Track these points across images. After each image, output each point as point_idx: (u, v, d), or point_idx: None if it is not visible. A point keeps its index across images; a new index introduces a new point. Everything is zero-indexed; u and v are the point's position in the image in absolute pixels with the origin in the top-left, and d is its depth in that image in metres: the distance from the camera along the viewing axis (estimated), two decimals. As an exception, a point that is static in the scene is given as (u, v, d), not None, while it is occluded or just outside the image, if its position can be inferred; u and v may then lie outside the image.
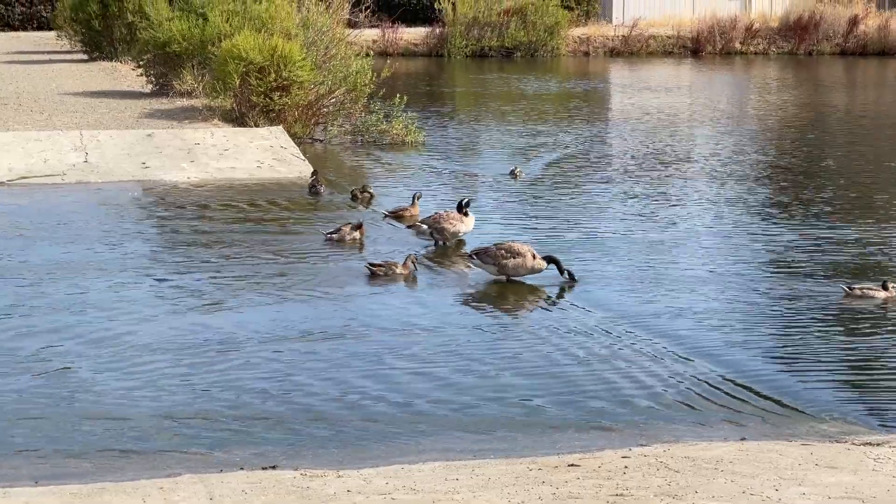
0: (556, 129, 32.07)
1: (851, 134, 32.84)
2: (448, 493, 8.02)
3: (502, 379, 11.94)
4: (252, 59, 27.61)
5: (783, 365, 12.47)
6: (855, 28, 59.07)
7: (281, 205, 21.13)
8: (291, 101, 28.18)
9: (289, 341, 13.13)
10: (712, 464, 8.88)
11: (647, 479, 8.42)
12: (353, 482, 8.50)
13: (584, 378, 11.94)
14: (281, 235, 18.72)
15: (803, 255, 17.22)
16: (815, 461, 9.02)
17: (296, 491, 8.23)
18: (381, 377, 11.94)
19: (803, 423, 10.64)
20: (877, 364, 12.46)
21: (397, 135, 28.78)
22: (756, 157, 27.42)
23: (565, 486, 8.21)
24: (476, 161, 27.01)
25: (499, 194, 22.49)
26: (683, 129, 32.61)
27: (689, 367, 12.24)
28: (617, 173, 24.83)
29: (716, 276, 16.13)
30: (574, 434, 10.34)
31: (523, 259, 15.56)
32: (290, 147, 25.89)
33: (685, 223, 19.64)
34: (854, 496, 7.87)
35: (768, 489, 8.05)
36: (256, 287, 15.38)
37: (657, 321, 13.92)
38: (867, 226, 19.24)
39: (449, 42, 57.80)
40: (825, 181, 24.07)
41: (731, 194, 22.47)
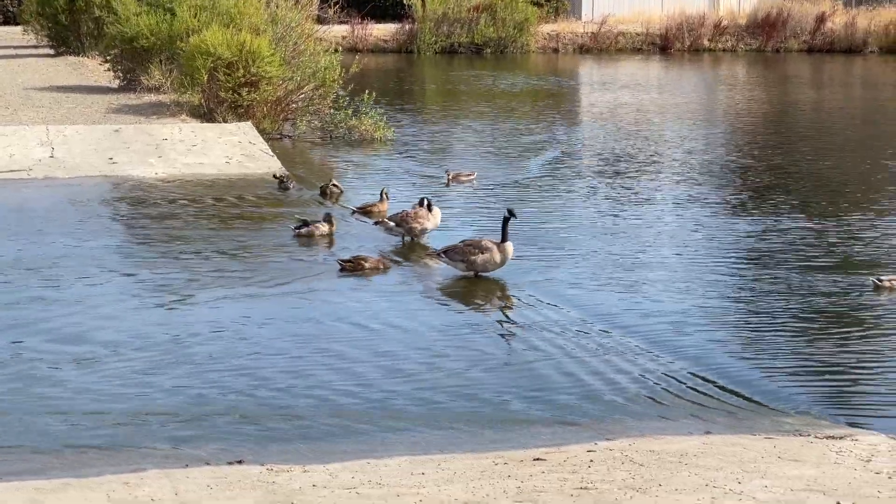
0: (525, 127, 32.11)
1: (819, 131, 33.01)
2: (413, 488, 8.04)
3: (469, 374, 11.96)
4: (220, 55, 27.53)
5: (748, 360, 12.54)
6: (822, 25, 59.36)
7: (249, 200, 21.09)
8: (260, 97, 28.11)
9: (256, 337, 13.11)
10: (676, 457, 8.92)
11: (611, 472, 8.46)
12: (319, 477, 8.50)
13: (551, 373, 11.98)
14: (249, 231, 18.69)
15: (770, 252, 17.32)
16: (779, 454, 9.08)
17: (262, 486, 8.22)
18: (348, 373, 11.95)
19: (767, 418, 10.71)
20: (840, 359, 12.54)
21: (366, 131, 28.76)
22: (724, 153, 27.54)
23: (530, 479, 8.24)
24: (445, 158, 27.00)
25: (467, 192, 22.50)
26: (653, 127, 32.70)
27: (655, 362, 12.30)
28: (585, 170, 24.90)
29: (683, 273, 16.21)
30: (540, 429, 10.37)
31: (491, 254, 15.60)
32: (258, 143, 25.82)
33: (653, 220, 19.71)
34: (816, 488, 7.93)
35: (731, 482, 8.10)
36: (224, 283, 15.36)
37: (624, 317, 13.98)
38: (834, 219, 19.36)
39: (418, 38, 57.76)
40: (793, 177, 24.19)
41: (698, 191, 22.56)
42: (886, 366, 12.30)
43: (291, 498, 7.82)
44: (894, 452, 9.24)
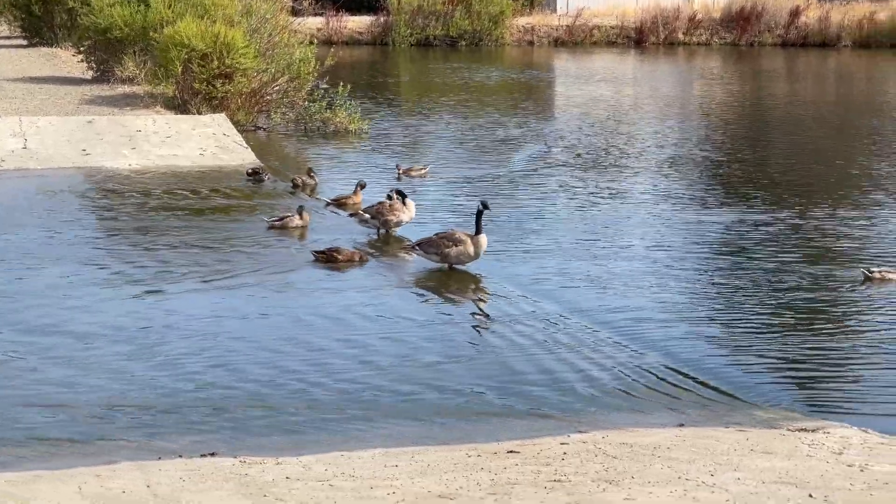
0: (500, 120, 32.11)
1: (793, 125, 33.12)
2: (387, 480, 8.03)
3: (443, 366, 11.96)
4: (194, 46, 27.44)
5: (722, 353, 12.58)
6: (796, 19, 59.55)
7: (223, 192, 21.03)
8: (234, 89, 28.04)
9: (230, 329, 13.07)
10: (650, 450, 8.94)
11: (585, 464, 8.47)
12: (292, 469, 8.48)
13: (525, 366, 11.98)
14: (223, 223, 18.64)
15: (743, 245, 17.37)
16: (751, 447, 9.10)
17: (234, 478, 8.20)
18: (321, 364, 11.93)
19: (740, 410, 10.74)
20: (813, 353, 12.58)
21: (340, 123, 28.73)
22: (698, 147, 27.59)
23: (504, 472, 8.24)
24: (419, 151, 26.99)
25: (441, 185, 22.50)
26: (627, 120, 32.75)
27: (628, 354, 12.32)
28: (560, 164, 24.91)
29: (657, 266, 16.23)
30: (514, 421, 10.38)
31: (464, 247, 15.60)
32: (232, 135, 25.76)
33: (627, 214, 19.74)
34: (788, 481, 7.95)
35: (704, 474, 8.12)
36: (198, 275, 15.31)
37: (598, 310, 13.99)
38: (808, 213, 19.42)
39: (393, 31, 57.73)
40: (767, 171, 24.26)
41: (672, 185, 22.61)
42: (858, 359, 12.35)
43: (264, 490, 7.80)
44: (866, 445, 9.28)
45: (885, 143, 28.45)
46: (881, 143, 28.52)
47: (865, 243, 17.57)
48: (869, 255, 16.68)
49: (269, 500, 7.51)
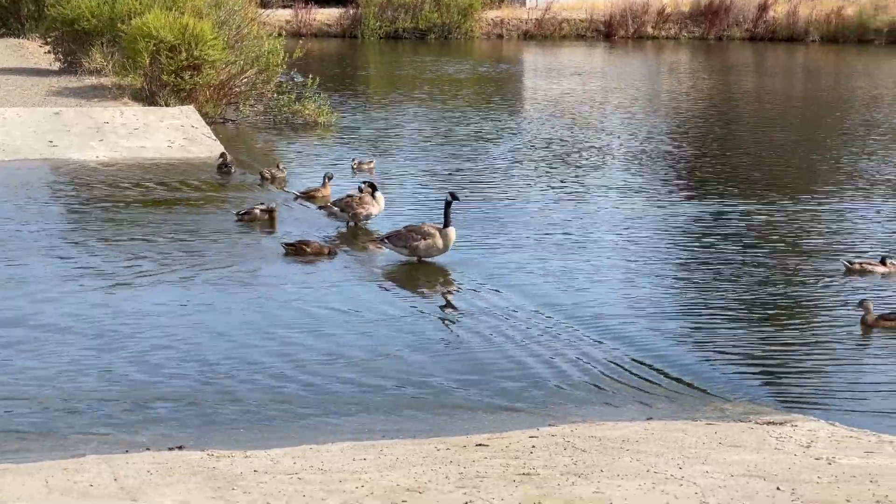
0: (469, 114, 32.09)
1: (761, 119, 33.23)
2: (356, 473, 8.01)
3: (412, 360, 11.94)
4: (163, 38, 27.31)
5: (691, 347, 12.61)
6: (764, 14, 59.74)
7: (192, 185, 20.94)
8: (203, 81, 27.92)
9: (198, 322, 13.02)
10: (618, 443, 8.95)
11: (553, 458, 8.47)
12: (261, 462, 8.45)
13: (494, 359, 11.98)
14: (192, 215, 18.56)
15: (713, 239, 17.42)
16: (719, 440, 9.12)
17: (202, 471, 8.16)
18: (290, 358, 11.89)
19: (709, 404, 10.76)
20: (781, 346, 12.64)
21: (310, 115, 28.65)
22: (667, 141, 27.65)
23: (472, 465, 8.23)
24: (388, 144, 26.95)
25: (410, 179, 22.47)
26: (596, 114, 32.78)
27: (598, 348, 12.33)
28: (530, 157, 24.91)
29: (627, 260, 16.26)
30: (483, 415, 10.37)
31: (433, 240, 15.59)
32: (201, 127, 25.65)
33: (597, 208, 19.76)
34: (757, 474, 7.97)
35: (672, 467, 8.13)
36: (166, 267, 15.24)
37: (567, 304, 14.00)
38: (777, 207, 19.49)
39: (362, 23, 57.57)
40: (736, 165, 24.34)
41: (641, 179, 22.66)
42: (826, 353, 12.41)
43: (232, 483, 7.76)
44: (833, 438, 9.32)
45: (853, 136, 28.60)
46: (848, 136, 28.67)
47: (833, 237, 17.65)
48: (836, 249, 16.77)
49: (236, 494, 7.48)
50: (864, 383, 11.45)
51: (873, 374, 11.71)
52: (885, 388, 11.30)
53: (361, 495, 7.43)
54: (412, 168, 23.43)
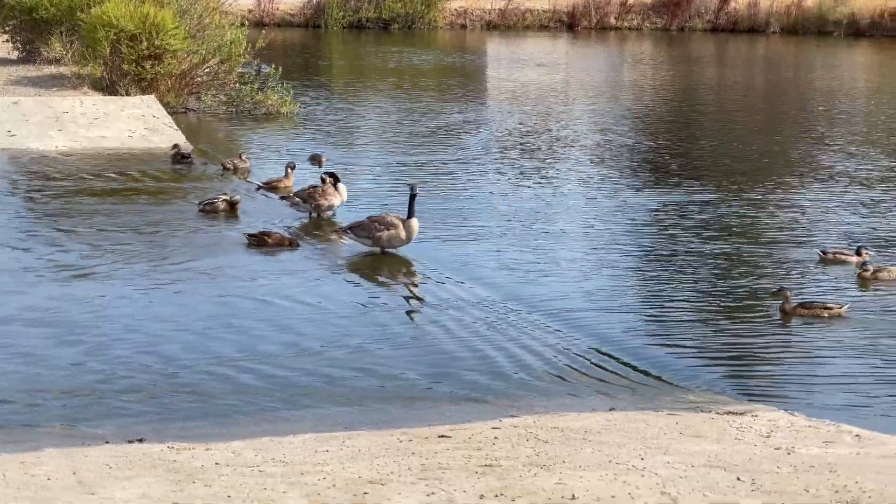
0: (433, 105, 32.05)
1: (723, 110, 33.36)
2: (318, 465, 7.97)
3: (375, 351, 11.92)
4: (123, 27, 27.09)
5: (652, 338, 12.64)
6: (726, 5, 59.86)
7: (153, 175, 20.81)
8: (164, 70, 27.74)
9: (158, 313, 12.93)
10: (581, 434, 8.95)
11: (516, 449, 8.47)
12: (222, 455, 8.40)
13: (457, 350, 11.97)
14: (153, 206, 18.45)
15: (675, 231, 17.47)
16: (681, 430, 9.15)
17: (162, 464, 8.10)
18: (252, 349, 11.84)
19: (670, 394, 10.80)
20: (741, 337, 12.69)
21: (272, 106, 28.53)
22: (630, 132, 27.71)
23: (435, 456, 8.22)
24: (352, 135, 26.88)
25: (375, 170, 22.42)
26: (560, 105, 32.80)
27: (561, 338, 12.34)
28: (493, 148, 24.90)
29: (589, 251, 16.28)
30: (445, 406, 10.36)
31: (397, 231, 15.56)
32: (162, 117, 25.49)
33: (560, 199, 19.77)
34: (717, 464, 8.00)
35: (634, 458, 8.14)
36: (126, 258, 15.14)
37: (530, 295, 14.00)
38: (738, 198, 19.56)
39: (326, 13, 57.31)
40: (698, 156, 24.42)
41: (604, 170, 22.69)
42: (786, 343, 12.49)
43: (193, 476, 7.71)
44: (793, 428, 9.36)
45: (812, 128, 28.74)
46: (808, 128, 28.80)
47: (793, 227, 17.73)
48: (797, 239, 16.85)
49: (197, 487, 7.43)
50: (824, 374, 11.51)
51: (832, 365, 11.76)
52: (844, 378, 11.36)
53: (323, 487, 7.40)
54: (376, 159, 23.36)
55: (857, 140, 26.84)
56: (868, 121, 30.75)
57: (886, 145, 26.10)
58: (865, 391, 10.96)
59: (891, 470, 7.83)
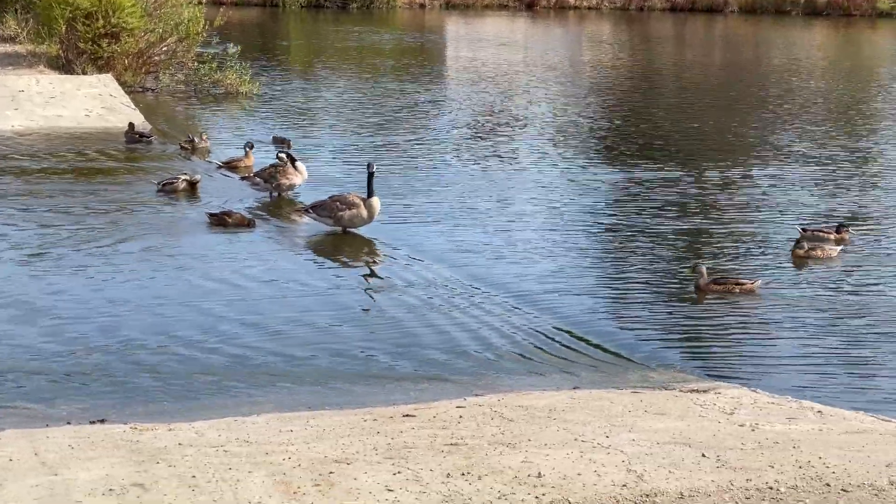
0: (393, 85, 31.95)
1: (680, 88, 33.44)
2: (282, 445, 7.93)
3: (338, 331, 11.87)
4: (79, 5, 26.83)
5: (615, 316, 12.66)
6: (685, -15, 60.05)
7: (111, 155, 20.65)
8: (121, 49, 27.50)
9: (119, 293, 12.82)
10: (545, 412, 8.95)
11: (481, 428, 8.45)
12: (185, 435, 8.34)
13: (421, 330, 11.94)
14: (111, 186, 18.30)
15: (636, 210, 17.50)
16: (645, 408, 9.16)
17: (125, 445, 8.03)
18: (214, 329, 11.76)
19: (634, 372, 10.81)
20: (703, 315, 12.73)
21: (231, 85, 28.36)
22: (590, 111, 27.73)
23: (400, 436, 8.19)
24: (310, 113, 26.76)
25: (335, 149, 22.33)
26: (519, 84, 32.77)
27: (524, 318, 12.33)
28: (454, 128, 24.86)
29: (551, 230, 16.29)
30: (410, 385, 10.34)
31: (358, 210, 15.51)
32: (119, 96, 25.28)
33: (521, 178, 19.77)
34: (682, 441, 8.01)
35: (600, 436, 8.14)
36: (85, 238, 15.01)
37: (493, 274, 13.99)
38: (699, 177, 19.63)
39: (284, -8, 57.05)
40: (656, 133, 24.47)
41: (565, 149, 22.69)
42: (748, 322, 12.51)
43: (157, 457, 7.65)
44: (756, 405, 9.39)
45: (771, 106, 28.86)
46: (767, 106, 28.92)
47: (752, 205, 17.80)
48: (755, 217, 16.93)
49: (160, 468, 7.37)
50: (785, 352, 11.55)
51: (793, 343, 11.81)
52: (805, 355, 11.41)
53: (289, 467, 7.36)
54: (336, 139, 23.28)
55: (814, 118, 26.99)
56: (826, 99, 30.92)
57: (843, 123, 26.26)
58: (824, 369, 11.01)
59: (853, 446, 7.87)
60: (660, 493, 6.97)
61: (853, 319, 12.44)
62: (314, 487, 7.00)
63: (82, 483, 7.07)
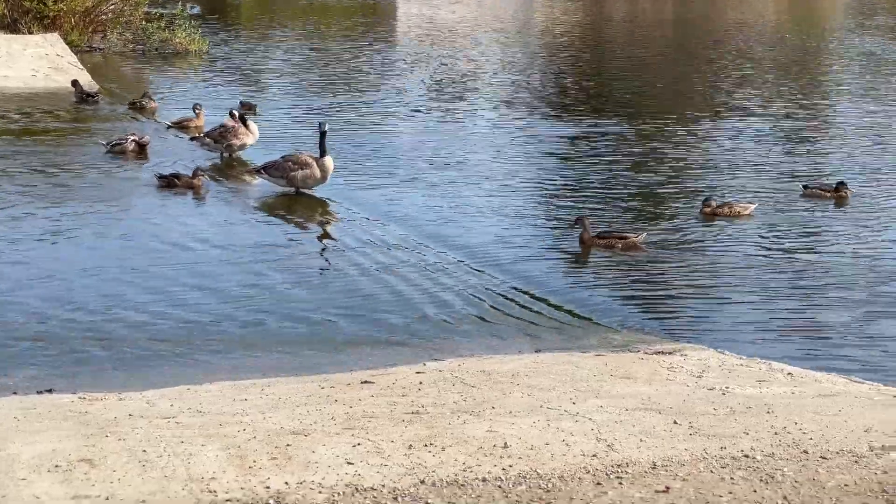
0: (345, 44, 31.53)
1: (632, 44, 33.20)
2: (236, 416, 7.60)
3: (292, 294, 11.55)
4: (23, -38, 26.26)
5: (576, 277, 12.42)
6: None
7: (58, 115, 20.20)
8: (67, 7, 26.93)
9: (66, 258, 12.45)
10: (508, 377, 8.67)
11: (442, 395, 8.16)
12: (136, 405, 8.01)
13: (377, 292, 11.64)
14: (59, 147, 17.85)
15: (596, 169, 17.25)
16: (611, 372, 8.90)
17: (73, 416, 7.69)
18: (165, 294, 11.41)
19: (597, 334, 10.56)
20: (663, 274, 12.48)
21: (180, 44, 27.85)
22: (542, 68, 27.44)
23: (359, 404, 7.88)
24: (261, 73, 26.33)
25: (287, 109, 21.95)
26: (470, 43, 32.43)
27: (483, 279, 12.06)
28: (406, 88, 24.53)
29: (509, 190, 16.00)
30: (368, 350, 10.04)
31: (311, 170, 15.16)
32: (67, 55, 24.76)
33: (478, 139, 19.47)
34: (651, 407, 7.75)
35: (566, 402, 7.87)
36: (31, 201, 14.59)
37: (450, 234, 13.70)
38: (658, 133, 19.42)
39: (233, -51, 56.26)
40: (608, 88, 24.25)
41: (518, 108, 22.42)
42: (711, 281, 12.28)
43: (106, 430, 7.31)
44: (724, 367, 9.15)
45: (723, 62, 28.67)
46: (719, 62, 28.73)
47: (709, 162, 17.61)
48: (714, 175, 16.74)
49: (110, 441, 7.04)
50: (750, 311, 11.32)
51: (757, 302, 11.57)
52: (771, 314, 11.18)
53: (244, 440, 7.04)
54: (288, 98, 22.90)
55: (766, 74, 26.83)
56: (778, 55, 30.77)
57: (796, 80, 26.11)
58: (787, 330, 10.76)
59: (828, 410, 7.64)
60: (632, 462, 6.71)
61: (810, 280, 12.21)
62: (270, 461, 6.70)
63: (27, 459, 6.73)
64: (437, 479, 6.50)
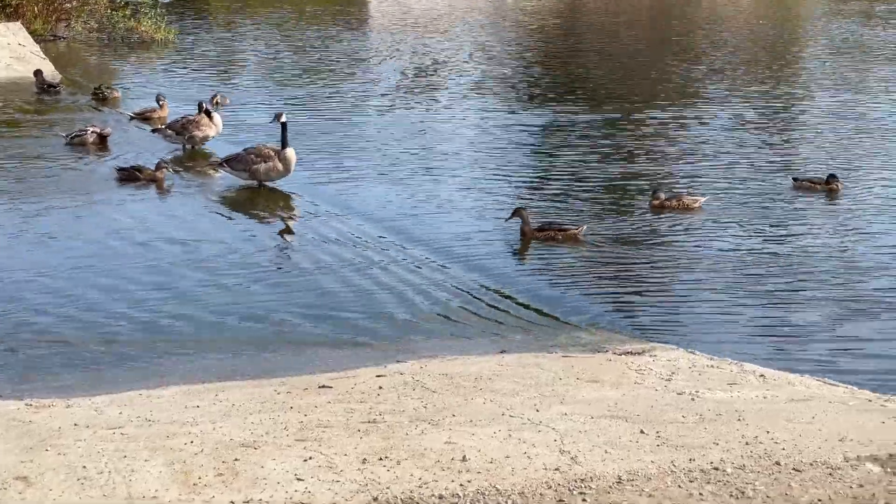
0: (313, 33, 31.16)
1: (605, 32, 32.95)
2: (185, 426, 7.26)
3: (251, 293, 11.22)
4: (-16, -51, 25.81)
5: (541, 274, 12.11)
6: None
7: (18, 106, 19.81)
8: (29, -5, 26.54)
9: (18, 254, 12.10)
10: (471, 381, 8.35)
11: (402, 400, 7.83)
12: (83, 413, 7.66)
13: (340, 290, 11.32)
14: (17, 139, 17.48)
15: (565, 162, 16.95)
16: (577, 374, 8.58)
17: (16, 427, 7.35)
18: (120, 293, 11.07)
19: (563, 333, 10.24)
20: (634, 272, 12.18)
21: (146, 32, 27.44)
22: (516, 55, 27.14)
23: (314, 411, 7.55)
24: (230, 63, 25.95)
25: (253, 100, 21.58)
26: (443, 30, 32.11)
27: (447, 276, 11.75)
28: (377, 77, 24.21)
29: (475, 184, 15.67)
30: (327, 351, 9.71)
31: (273, 162, 14.83)
32: (29, 45, 24.34)
33: (444, 130, 19.15)
34: (618, 415, 7.43)
35: (529, 409, 7.55)
36: (-15, 196, 14.25)
37: (414, 230, 13.38)
38: (628, 121, 19.15)
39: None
40: (583, 75, 23.97)
41: (490, 99, 22.12)
42: (681, 277, 11.98)
43: (47, 443, 6.96)
44: (695, 369, 8.84)
45: (697, 50, 28.44)
46: (693, 50, 28.49)
47: (681, 153, 17.34)
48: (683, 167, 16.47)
49: (49, 456, 6.69)
50: (722, 308, 11.02)
51: (729, 299, 11.28)
52: (743, 312, 10.89)
53: (190, 454, 6.70)
54: (254, 89, 22.55)
55: (742, 62, 26.61)
56: (752, 45, 30.55)
57: (769, 69, 25.89)
58: (758, 329, 10.47)
59: (801, 417, 7.33)
60: (596, 476, 6.39)
61: (783, 277, 11.90)
62: (217, 477, 6.36)
63: (-42, 477, 6.38)
64: (391, 496, 6.17)
